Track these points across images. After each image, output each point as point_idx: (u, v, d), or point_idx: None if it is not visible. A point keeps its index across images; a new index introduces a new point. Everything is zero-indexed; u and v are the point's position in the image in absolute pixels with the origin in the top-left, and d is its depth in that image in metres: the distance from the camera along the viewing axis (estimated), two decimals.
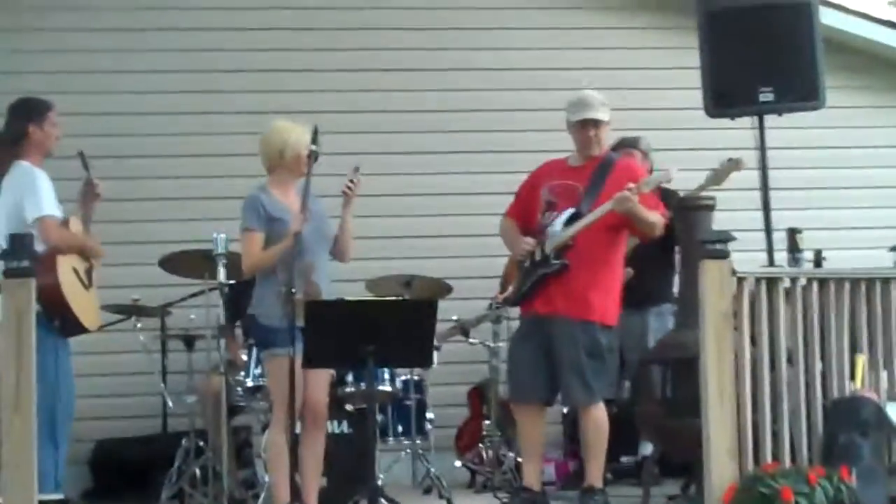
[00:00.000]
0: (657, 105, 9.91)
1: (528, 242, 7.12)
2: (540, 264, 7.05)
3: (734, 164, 7.51)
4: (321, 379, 6.87)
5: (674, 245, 7.60)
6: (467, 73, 9.99)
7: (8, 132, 7.02)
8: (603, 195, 6.99)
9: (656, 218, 7.00)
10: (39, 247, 6.30)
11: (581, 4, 10.32)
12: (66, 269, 6.83)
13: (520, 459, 7.89)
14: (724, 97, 7.53)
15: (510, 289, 7.29)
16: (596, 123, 7.12)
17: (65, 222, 7.01)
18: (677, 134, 9.52)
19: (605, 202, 6.92)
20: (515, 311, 7.67)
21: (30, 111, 7.04)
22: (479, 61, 10.03)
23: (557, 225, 7.04)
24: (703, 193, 7.49)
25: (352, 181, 6.92)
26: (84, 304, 6.92)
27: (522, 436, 7.25)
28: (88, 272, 7.07)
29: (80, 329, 6.94)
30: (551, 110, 7.99)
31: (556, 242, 7.00)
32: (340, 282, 7.29)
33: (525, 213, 7.31)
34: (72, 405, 6.94)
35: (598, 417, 6.99)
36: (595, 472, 7.02)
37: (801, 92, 7.48)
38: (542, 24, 10.20)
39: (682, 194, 7.63)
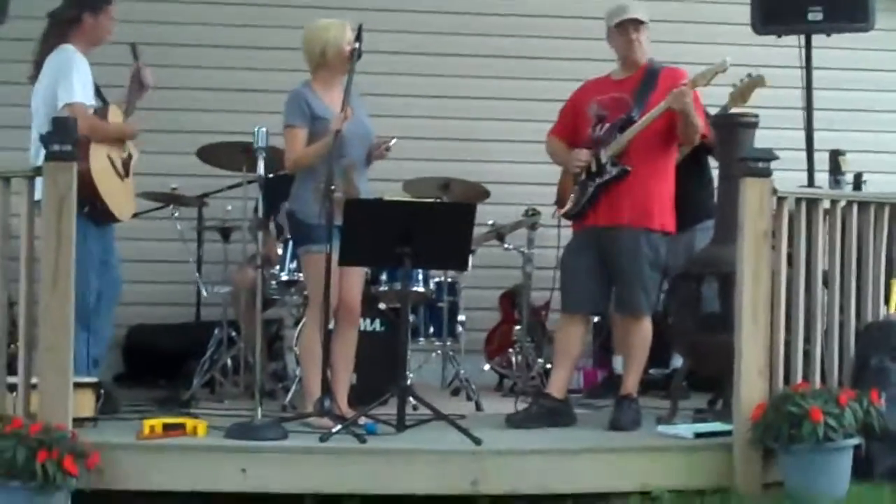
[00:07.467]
0: (700, 19, 9.79)
1: (583, 153, 7.02)
2: (598, 173, 6.97)
3: (756, 81, 7.42)
4: (356, 277, 6.88)
5: (707, 159, 7.53)
6: None
7: (62, 14, 6.96)
8: (652, 101, 6.92)
9: (700, 122, 6.93)
10: None
11: None
12: (100, 157, 6.80)
13: (549, 366, 7.91)
14: (773, 15, 7.45)
15: (568, 203, 7.12)
16: (636, 24, 7.03)
17: (103, 110, 6.99)
18: (721, 49, 9.33)
19: (656, 105, 6.87)
20: (551, 220, 7.59)
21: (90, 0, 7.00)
22: None
23: (612, 133, 6.96)
24: (746, 110, 7.44)
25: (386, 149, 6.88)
26: (117, 193, 6.91)
27: (561, 344, 7.17)
28: (126, 163, 7.05)
29: (110, 217, 6.91)
30: (590, 18, 7.93)
31: (612, 149, 6.97)
32: (377, 181, 7.24)
33: (572, 131, 7.20)
34: (112, 291, 7.01)
35: (646, 329, 6.98)
36: (633, 382, 7.03)
37: (850, 12, 7.41)
38: None
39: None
